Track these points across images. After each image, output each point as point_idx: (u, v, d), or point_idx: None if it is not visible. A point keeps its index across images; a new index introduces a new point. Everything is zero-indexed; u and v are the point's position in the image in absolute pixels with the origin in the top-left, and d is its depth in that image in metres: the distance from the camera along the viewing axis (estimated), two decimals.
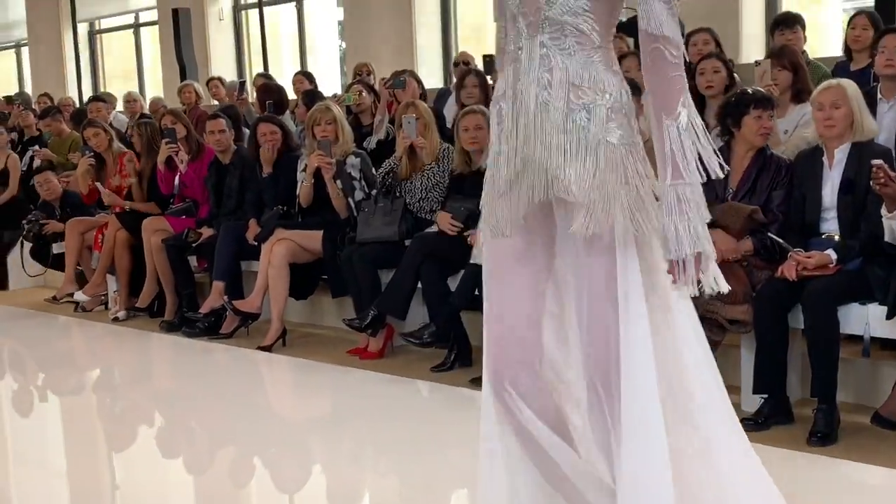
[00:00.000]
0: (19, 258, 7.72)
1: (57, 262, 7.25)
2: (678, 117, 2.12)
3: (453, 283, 4.82)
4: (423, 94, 6.74)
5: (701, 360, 2.30)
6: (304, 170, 5.64)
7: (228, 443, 4.08)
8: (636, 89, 4.17)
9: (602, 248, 2.17)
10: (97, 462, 4.12)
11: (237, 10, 12.57)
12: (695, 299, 2.20)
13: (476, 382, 4.49)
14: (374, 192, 5.41)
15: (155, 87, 13.01)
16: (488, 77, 6.27)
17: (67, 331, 6.50)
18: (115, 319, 6.42)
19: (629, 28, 7.11)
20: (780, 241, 3.92)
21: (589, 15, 2.15)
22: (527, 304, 2.30)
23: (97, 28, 14.60)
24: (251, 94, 8.57)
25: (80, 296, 6.79)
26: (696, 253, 2.11)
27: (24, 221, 7.39)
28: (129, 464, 4.03)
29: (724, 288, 2.15)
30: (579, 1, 2.14)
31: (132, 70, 14.20)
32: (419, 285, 4.89)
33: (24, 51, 15.79)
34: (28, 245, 7.47)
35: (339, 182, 5.53)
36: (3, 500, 3.53)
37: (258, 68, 11.02)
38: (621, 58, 5.73)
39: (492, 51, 9.76)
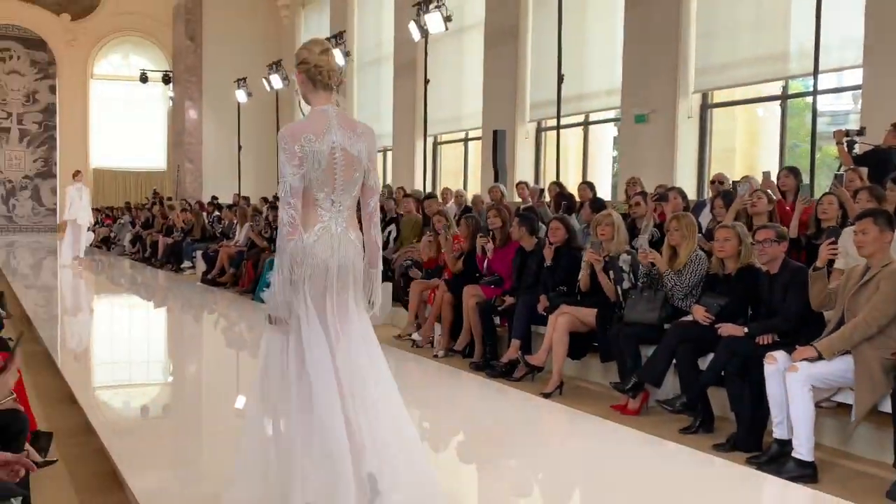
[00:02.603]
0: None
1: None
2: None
3: (703, 363, 4.50)
4: (687, 206, 6.42)
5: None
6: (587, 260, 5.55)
7: (509, 458, 3.99)
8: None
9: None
10: None
11: (539, 131, 12.79)
12: None
13: (717, 448, 4.15)
14: (639, 283, 5.21)
15: (475, 186, 13.42)
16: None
17: (403, 360, 6.54)
18: (436, 356, 6.49)
19: (862, 160, 6.44)
20: None
21: None
22: None
23: (439, 140, 15.17)
24: (547, 197, 8.63)
25: (416, 336, 6.99)
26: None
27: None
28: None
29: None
30: None
31: (460, 172, 14.76)
32: (674, 361, 4.61)
33: (388, 154, 16.82)
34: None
35: (611, 273, 5.38)
36: None
37: (550, 175, 11.09)
38: (856, 192, 5.20)
39: (736, 170, 9.33)
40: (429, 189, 13.16)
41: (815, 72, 7.78)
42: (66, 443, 4.05)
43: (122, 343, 7.73)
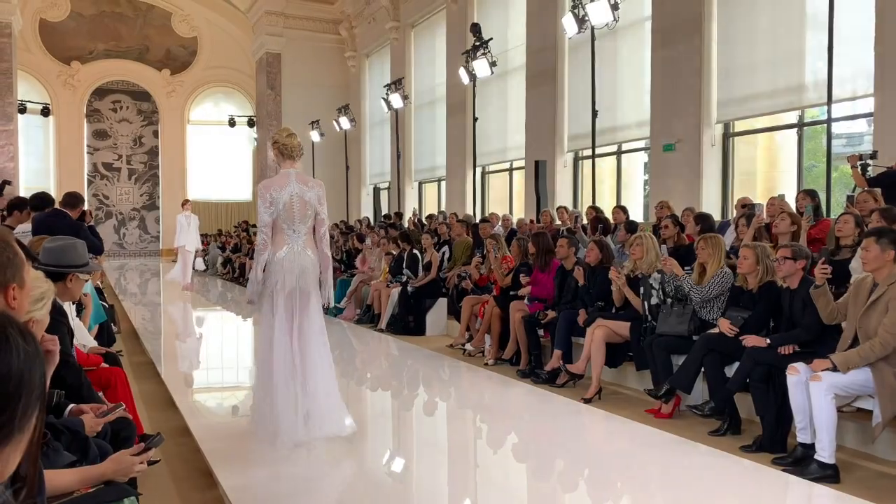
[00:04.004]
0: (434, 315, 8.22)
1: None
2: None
3: (729, 371, 4.37)
4: (711, 226, 6.25)
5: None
6: None
7: (554, 457, 3.94)
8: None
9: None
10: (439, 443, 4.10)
11: (576, 160, 12.67)
12: None
13: (744, 449, 4.02)
14: (668, 298, 5.10)
15: (519, 211, 13.36)
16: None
17: (457, 367, 6.58)
18: (486, 364, 6.47)
19: (876, 182, 6.20)
20: None
21: None
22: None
23: (486, 170, 15.19)
24: (583, 220, 8.54)
25: (468, 346, 6.99)
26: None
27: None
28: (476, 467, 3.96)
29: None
30: None
31: (506, 198, 14.69)
32: (702, 370, 4.50)
33: (443, 184, 16.85)
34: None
35: (642, 288, 5.28)
36: None
37: (587, 200, 10.99)
38: (871, 212, 4.99)
39: (760, 193, 9.08)
40: (478, 214, 13.16)
41: (829, 101, 7.56)
42: (168, 443, 4.12)
43: (215, 352, 7.89)
